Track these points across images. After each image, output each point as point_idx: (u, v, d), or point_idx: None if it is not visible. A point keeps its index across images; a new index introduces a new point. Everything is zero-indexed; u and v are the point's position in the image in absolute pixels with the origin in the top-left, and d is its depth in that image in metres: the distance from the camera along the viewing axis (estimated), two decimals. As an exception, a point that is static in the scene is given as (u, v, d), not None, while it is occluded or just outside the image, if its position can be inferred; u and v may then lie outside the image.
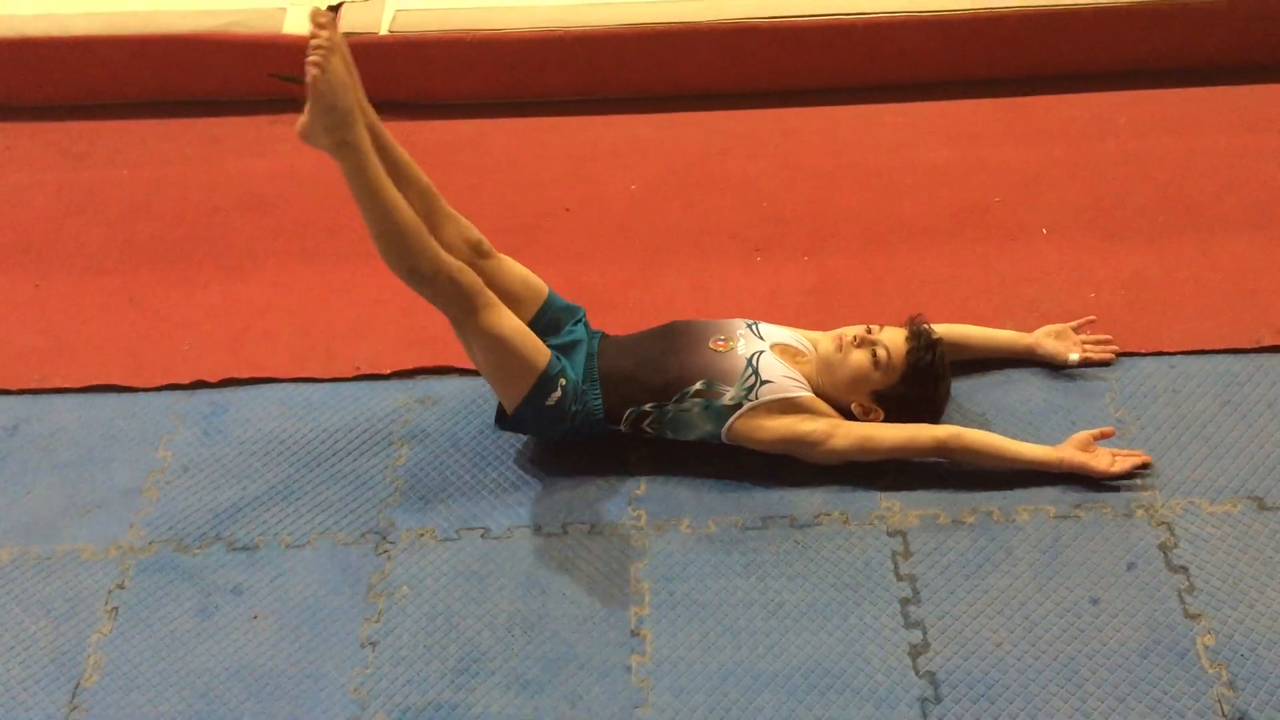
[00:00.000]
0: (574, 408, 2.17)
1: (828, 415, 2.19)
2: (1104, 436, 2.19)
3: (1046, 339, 2.39)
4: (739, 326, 2.26)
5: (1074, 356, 2.37)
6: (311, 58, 1.84)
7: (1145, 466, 2.17)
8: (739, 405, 2.15)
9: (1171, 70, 3.19)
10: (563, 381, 2.14)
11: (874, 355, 2.16)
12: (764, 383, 2.15)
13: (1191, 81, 3.17)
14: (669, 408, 2.17)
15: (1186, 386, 2.34)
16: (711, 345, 2.20)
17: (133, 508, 2.25)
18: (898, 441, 2.16)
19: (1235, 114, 3.06)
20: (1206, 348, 2.41)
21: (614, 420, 2.21)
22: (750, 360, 2.17)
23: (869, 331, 2.19)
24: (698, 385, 2.15)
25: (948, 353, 2.25)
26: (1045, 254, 2.66)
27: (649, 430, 2.21)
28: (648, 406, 2.18)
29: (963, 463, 2.18)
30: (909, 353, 2.17)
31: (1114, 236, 2.70)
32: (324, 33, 1.86)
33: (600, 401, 2.19)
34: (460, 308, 2.06)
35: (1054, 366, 2.37)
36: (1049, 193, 2.85)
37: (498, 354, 2.10)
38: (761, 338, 2.25)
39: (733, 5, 3.15)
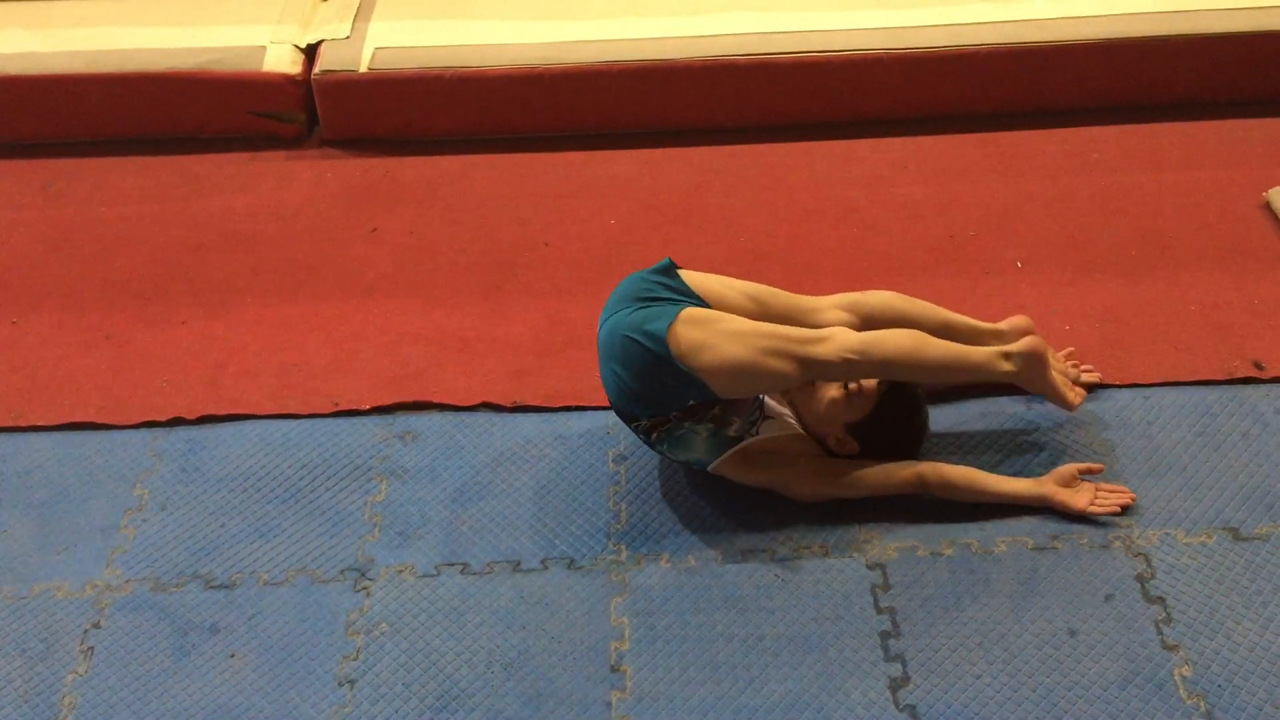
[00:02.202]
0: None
1: (813, 453, 2.21)
2: (1091, 472, 2.20)
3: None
4: None
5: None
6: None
7: (1128, 507, 2.17)
8: (740, 439, 2.15)
9: (1144, 106, 3.23)
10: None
11: (845, 387, 2.17)
12: (765, 418, 2.18)
13: (1163, 117, 3.21)
14: (685, 422, 2.16)
15: (1161, 418, 2.36)
16: None
17: (109, 546, 2.23)
18: (876, 478, 2.17)
19: (1206, 149, 3.10)
20: (1180, 379, 2.43)
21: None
22: (759, 394, 2.19)
23: None
24: (715, 410, 2.15)
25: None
26: (1020, 288, 2.69)
27: (651, 437, 2.18)
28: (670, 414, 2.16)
29: (942, 497, 2.19)
30: (880, 383, 2.18)
31: (1088, 270, 2.73)
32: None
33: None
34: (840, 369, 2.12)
35: (1030, 395, 2.38)
36: (1024, 227, 2.88)
37: (788, 382, 2.14)
38: None
39: (712, 43, 3.19)
